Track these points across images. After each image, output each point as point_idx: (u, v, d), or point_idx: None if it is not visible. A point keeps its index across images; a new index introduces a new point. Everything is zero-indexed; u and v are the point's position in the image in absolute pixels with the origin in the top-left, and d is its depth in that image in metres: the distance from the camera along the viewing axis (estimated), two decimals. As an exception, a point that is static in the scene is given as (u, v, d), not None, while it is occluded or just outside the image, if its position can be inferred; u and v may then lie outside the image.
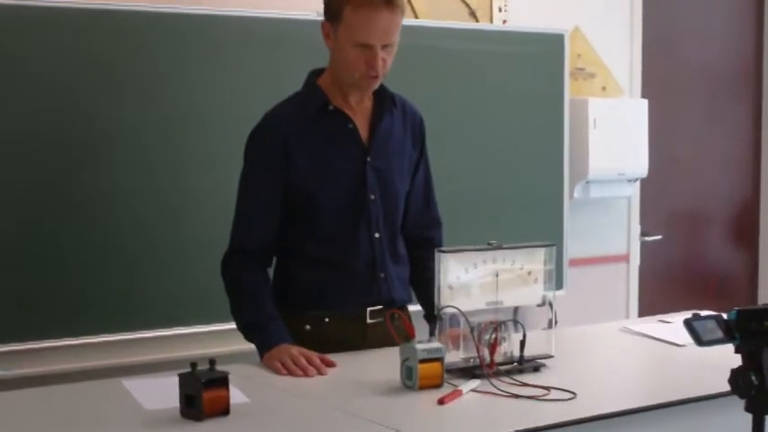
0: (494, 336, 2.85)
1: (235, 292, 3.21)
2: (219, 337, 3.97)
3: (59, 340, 3.87)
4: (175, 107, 4.06)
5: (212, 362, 2.51)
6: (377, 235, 3.24)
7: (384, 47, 3.07)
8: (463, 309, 2.83)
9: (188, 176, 4.10)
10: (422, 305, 3.32)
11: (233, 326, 3.22)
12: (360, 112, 3.24)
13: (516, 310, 2.97)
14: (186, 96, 4.08)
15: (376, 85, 3.19)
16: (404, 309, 3.34)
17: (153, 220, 4.03)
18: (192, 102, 4.09)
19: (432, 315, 2.93)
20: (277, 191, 3.17)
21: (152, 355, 3.98)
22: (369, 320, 3.23)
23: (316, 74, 3.26)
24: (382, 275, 3.26)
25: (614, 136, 5.32)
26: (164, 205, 4.05)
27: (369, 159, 3.22)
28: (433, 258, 2.89)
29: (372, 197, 3.23)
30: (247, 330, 3.17)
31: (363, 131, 3.23)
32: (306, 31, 3.85)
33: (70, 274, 3.89)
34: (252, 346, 3.15)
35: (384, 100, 3.26)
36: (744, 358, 2.22)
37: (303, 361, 2.95)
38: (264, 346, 3.07)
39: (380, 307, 3.23)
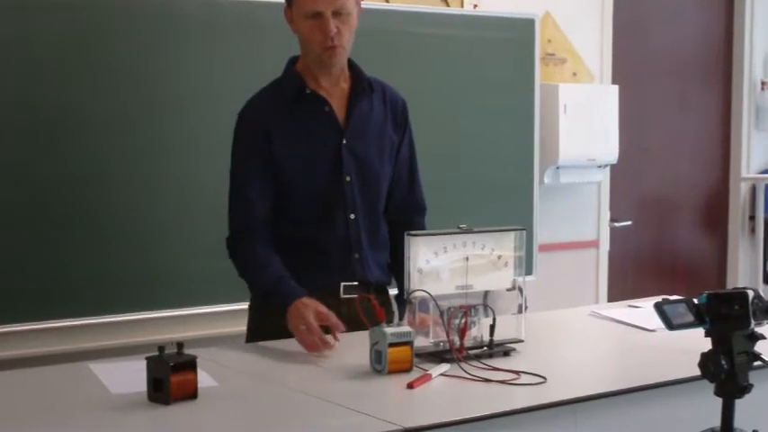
0: (463, 320, 2.85)
1: (247, 267, 3.22)
2: (188, 322, 3.95)
3: (26, 324, 3.83)
4: (158, 91, 4.05)
5: (180, 345, 2.49)
6: (352, 216, 3.25)
7: (336, 15, 3.11)
8: (433, 293, 2.81)
9: (163, 161, 4.07)
10: (397, 287, 3.29)
11: (202, 310, 3.21)
12: (335, 95, 3.26)
13: (486, 294, 2.96)
14: (168, 81, 4.07)
15: (340, 59, 3.20)
16: (383, 291, 3.34)
17: (123, 205, 4.00)
18: (175, 86, 4.08)
19: (402, 298, 2.92)
20: (269, 167, 3.19)
21: (120, 340, 3.95)
22: (343, 296, 3.21)
23: (293, 60, 3.30)
24: (356, 256, 3.26)
25: (585, 122, 5.32)
26: (136, 189, 4.02)
27: (345, 141, 3.23)
28: None
29: (348, 179, 3.24)
30: (264, 298, 3.16)
31: (340, 114, 3.25)
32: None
33: (37, 257, 3.85)
34: (221, 330, 3.13)
35: (360, 83, 3.28)
36: (714, 342, 2.22)
37: (314, 338, 2.93)
38: (282, 308, 3.04)
39: (355, 283, 3.24)
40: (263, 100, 3.27)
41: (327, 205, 3.24)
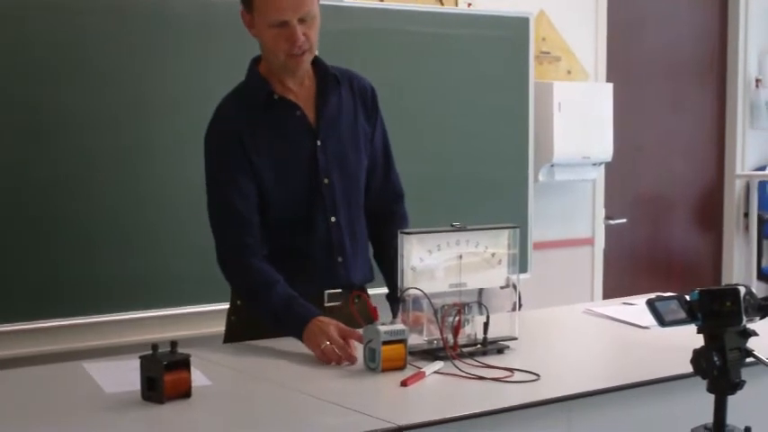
0: (457, 318, 2.85)
1: (248, 288, 3.10)
2: (182, 321, 3.95)
3: (20, 324, 3.83)
4: (154, 92, 4.05)
5: (174, 344, 2.49)
6: (333, 219, 3.18)
7: (302, 21, 2.99)
8: (427, 291, 2.81)
9: (158, 162, 4.08)
10: (386, 284, 3.27)
11: (196, 309, 3.20)
12: (302, 96, 3.16)
13: (480, 292, 2.96)
14: (165, 81, 4.08)
15: (306, 64, 3.10)
16: (363, 290, 3.28)
17: (116, 205, 4.00)
18: (171, 87, 4.09)
19: (395, 296, 2.91)
20: (250, 174, 3.07)
21: (114, 339, 3.95)
22: (327, 303, 3.15)
23: (256, 62, 3.19)
24: (340, 260, 3.20)
25: (579, 120, 5.33)
26: (127, 190, 4.03)
27: (318, 143, 3.15)
28: (397, 236, 2.86)
29: (326, 181, 3.16)
30: (275, 320, 3.03)
31: (310, 115, 3.16)
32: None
33: (32, 257, 3.85)
34: (214, 329, 3.12)
35: (326, 80, 3.18)
36: (706, 339, 2.22)
37: (337, 353, 2.82)
38: (298, 328, 2.94)
39: (339, 290, 3.19)
40: (233, 107, 3.15)
41: (307, 210, 3.14)
